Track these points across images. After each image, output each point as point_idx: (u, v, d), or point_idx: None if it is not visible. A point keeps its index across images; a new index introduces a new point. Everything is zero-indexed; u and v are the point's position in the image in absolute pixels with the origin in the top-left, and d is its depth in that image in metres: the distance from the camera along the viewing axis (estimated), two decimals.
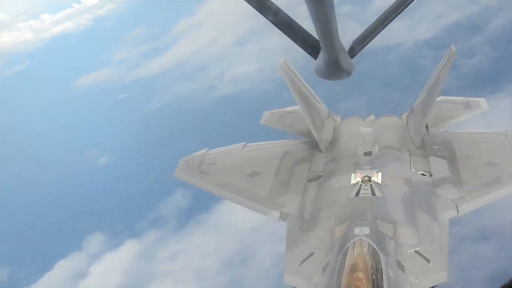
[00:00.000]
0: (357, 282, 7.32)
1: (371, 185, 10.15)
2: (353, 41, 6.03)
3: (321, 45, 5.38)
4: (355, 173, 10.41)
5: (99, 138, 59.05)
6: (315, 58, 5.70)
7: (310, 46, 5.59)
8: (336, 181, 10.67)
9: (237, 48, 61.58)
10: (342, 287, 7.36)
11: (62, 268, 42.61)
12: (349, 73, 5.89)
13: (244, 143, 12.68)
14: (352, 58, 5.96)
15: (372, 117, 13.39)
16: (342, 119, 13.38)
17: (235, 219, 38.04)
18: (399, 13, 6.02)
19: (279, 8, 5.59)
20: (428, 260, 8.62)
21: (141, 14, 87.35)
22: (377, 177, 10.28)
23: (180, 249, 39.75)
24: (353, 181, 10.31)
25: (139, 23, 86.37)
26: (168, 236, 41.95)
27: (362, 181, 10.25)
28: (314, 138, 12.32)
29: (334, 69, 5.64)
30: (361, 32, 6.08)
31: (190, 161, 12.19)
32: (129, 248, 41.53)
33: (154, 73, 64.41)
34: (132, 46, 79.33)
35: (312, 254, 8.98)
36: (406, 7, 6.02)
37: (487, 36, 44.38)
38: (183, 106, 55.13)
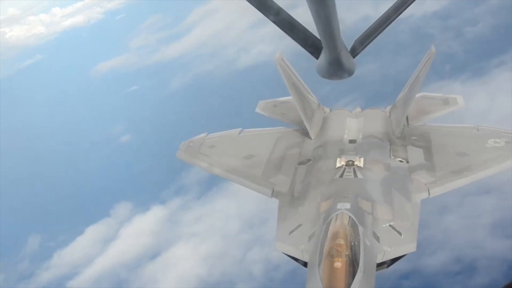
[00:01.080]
0: (338, 247, 8.27)
1: (354, 168, 11.18)
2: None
3: (323, 45, 5.45)
4: (340, 158, 11.52)
5: (121, 118, 62.60)
6: (317, 58, 5.78)
7: (312, 45, 5.68)
8: (323, 164, 11.72)
9: (252, 31, 64.53)
10: (325, 251, 8.31)
11: (92, 233, 45.98)
12: (350, 73, 5.99)
13: (241, 128, 13.86)
14: (354, 57, 6.02)
15: (358, 109, 14.55)
16: (330, 110, 14.56)
17: None
18: (400, 13, 6.14)
19: (281, 8, 5.66)
20: (400, 233, 9.71)
21: (153, 6, 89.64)
22: (360, 162, 11.34)
23: (204, 213, 42.87)
24: (338, 165, 11.34)
25: (151, 14, 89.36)
26: (191, 202, 45.17)
27: (346, 165, 11.29)
28: (305, 126, 13.32)
29: (336, 69, 5.73)
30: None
31: (191, 144, 13.37)
32: (156, 213, 44.78)
33: (173, 56, 67.77)
34: (148, 33, 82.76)
35: (300, 225, 10.08)
36: (407, 7, 6.15)
37: (489, 6, 47.74)
38: (202, 84, 58.17)
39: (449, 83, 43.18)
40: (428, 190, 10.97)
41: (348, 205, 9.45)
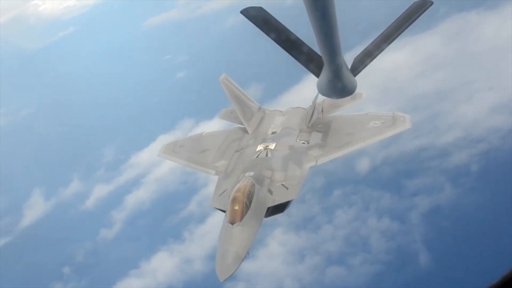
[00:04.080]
0: (237, 197, 13.16)
1: (267, 151, 15.71)
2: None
3: (324, 62, 5.73)
4: (261, 144, 16.15)
5: (174, 59, 73.85)
6: (318, 76, 6.14)
7: (313, 63, 6.10)
8: (249, 150, 16.23)
9: None
10: (230, 200, 13.24)
11: (164, 139, 56.43)
12: (351, 91, 6.30)
13: (203, 131, 18.74)
14: (355, 76, 6.31)
15: (289, 108, 18.83)
16: (269, 111, 19.02)
17: (304, 96, 51.08)
18: (403, 30, 6.59)
19: (281, 24, 6.27)
20: (287, 188, 14.34)
21: None
22: (272, 146, 15.93)
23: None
24: (258, 149, 15.91)
25: None
26: None
27: (264, 149, 15.80)
28: None
29: (337, 87, 6.04)
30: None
31: (168, 146, 18.31)
32: (218, 123, 54.99)
33: (222, 6, 78.50)
34: None
35: (225, 190, 14.61)
36: (411, 23, 6.60)
37: None
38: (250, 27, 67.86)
39: (466, 14, 53.60)
40: (316, 160, 15.56)
41: (252, 173, 14.44)
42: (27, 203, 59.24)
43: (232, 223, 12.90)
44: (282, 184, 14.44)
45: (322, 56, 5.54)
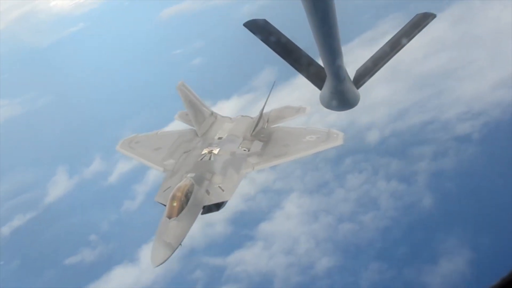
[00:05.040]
0: (176, 195, 14.67)
1: (211, 155, 17.17)
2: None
3: (327, 74, 5.76)
4: (206, 148, 17.67)
5: (189, 47, 77.46)
6: (320, 88, 6.19)
7: (315, 75, 6.14)
8: (195, 152, 17.66)
9: None
10: (170, 196, 14.71)
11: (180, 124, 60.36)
12: (354, 104, 6.28)
13: (157, 130, 20.26)
14: (358, 88, 6.28)
15: (239, 116, 20.31)
16: (220, 117, 20.38)
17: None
18: (406, 43, 6.57)
19: (285, 36, 6.25)
20: (223, 190, 15.90)
21: None
22: (216, 151, 17.40)
23: (271, 101, 56.74)
24: (203, 152, 17.39)
25: None
26: (260, 96, 59.19)
27: (208, 153, 17.29)
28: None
29: (339, 99, 6.08)
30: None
31: (125, 141, 19.71)
32: (235, 103, 59.02)
33: None
34: None
35: (169, 187, 15.96)
36: (414, 36, 6.62)
37: None
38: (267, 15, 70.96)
39: (469, 2, 57.14)
40: (253, 167, 17.20)
41: (193, 175, 15.94)
42: (51, 181, 62.26)
43: (170, 217, 14.53)
44: (219, 186, 16.09)
45: (325, 68, 5.62)
